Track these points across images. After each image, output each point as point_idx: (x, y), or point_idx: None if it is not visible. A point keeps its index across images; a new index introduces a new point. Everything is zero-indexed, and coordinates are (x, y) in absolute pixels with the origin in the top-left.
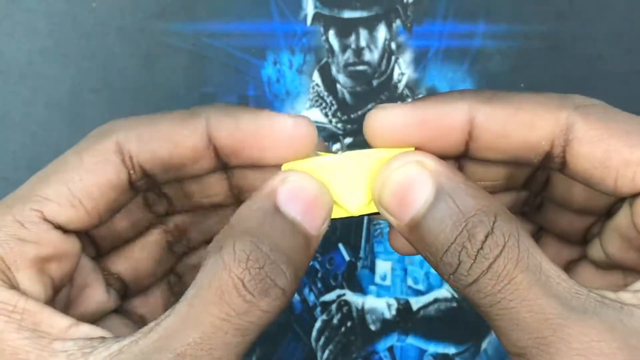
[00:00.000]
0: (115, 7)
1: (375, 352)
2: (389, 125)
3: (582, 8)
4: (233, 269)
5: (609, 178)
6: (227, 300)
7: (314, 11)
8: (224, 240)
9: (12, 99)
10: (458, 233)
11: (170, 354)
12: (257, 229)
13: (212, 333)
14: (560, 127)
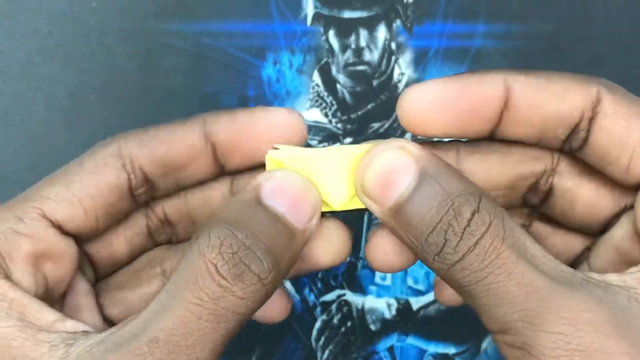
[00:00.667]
0: (116, 7)
1: (376, 352)
2: (422, 103)
3: (582, 8)
4: (206, 254)
5: (624, 156)
6: (200, 285)
7: (314, 11)
8: (202, 228)
9: (12, 98)
10: (444, 212)
11: (145, 338)
12: (234, 218)
13: (185, 318)
14: (590, 98)
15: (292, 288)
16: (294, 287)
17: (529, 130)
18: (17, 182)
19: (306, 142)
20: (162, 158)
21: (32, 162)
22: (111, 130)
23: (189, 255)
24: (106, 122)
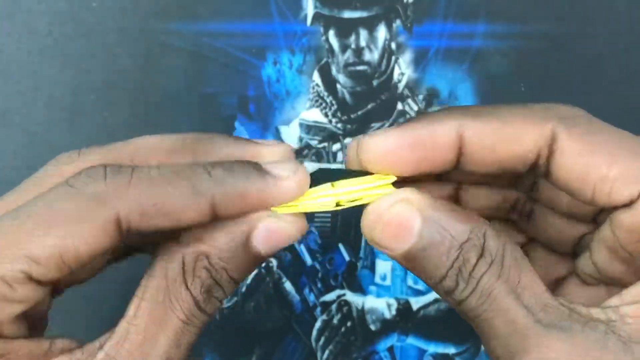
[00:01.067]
0: (116, 7)
1: (375, 352)
2: (380, 151)
3: (582, 8)
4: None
5: (588, 191)
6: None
7: (314, 11)
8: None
9: (12, 98)
10: (455, 259)
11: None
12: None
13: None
14: (545, 138)
15: (292, 288)
16: (294, 287)
17: (489, 169)
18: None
19: (306, 143)
20: (162, 228)
21: (32, 161)
22: (111, 130)
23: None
24: (106, 122)
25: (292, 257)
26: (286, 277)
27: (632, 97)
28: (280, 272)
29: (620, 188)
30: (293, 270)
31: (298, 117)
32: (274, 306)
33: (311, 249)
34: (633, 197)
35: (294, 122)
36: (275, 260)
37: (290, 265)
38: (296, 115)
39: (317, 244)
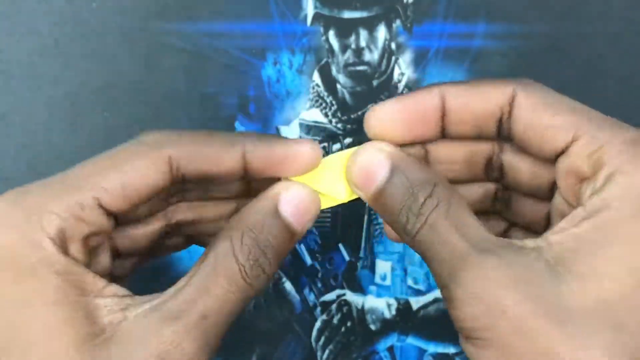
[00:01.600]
0: (116, 7)
1: (375, 352)
2: (381, 119)
3: (581, 8)
4: (239, 258)
5: (536, 139)
6: (234, 279)
7: (314, 11)
8: (234, 231)
9: (13, 98)
10: (407, 197)
11: (196, 315)
12: (259, 227)
13: (224, 301)
14: (507, 96)
15: (292, 288)
16: (294, 287)
17: (468, 128)
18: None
19: None
20: (205, 175)
21: (32, 161)
22: (112, 130)
23: (223, 252)
24: (106, 122)
25: (292, 257)
26: (286, 277)
27: (631, 97)
28: (280, 272)
29: (558, 136)
30: (293, 270)
31: (298, 117)
32: (274, 306)
33: (311, 249)
34: (568, 143)
35: (294, 122)
36: None
37: (290, 265)
38: (296, 115)
39: (317, 244)
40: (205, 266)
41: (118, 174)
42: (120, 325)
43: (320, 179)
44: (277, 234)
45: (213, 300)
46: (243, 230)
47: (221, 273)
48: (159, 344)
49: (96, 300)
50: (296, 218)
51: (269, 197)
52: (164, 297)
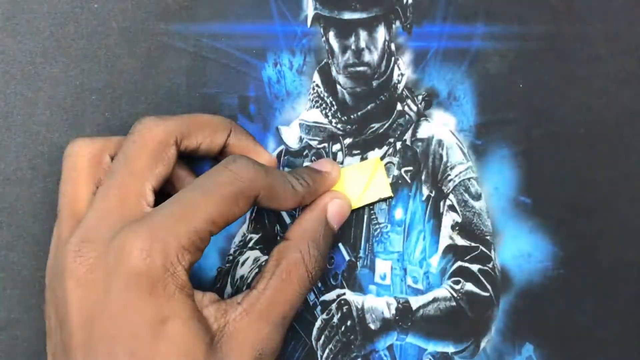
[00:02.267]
0: (117, 8)
1: (375, 350)
2: None
3: (580, 9)
4: (309, 267)
5: None
6: (305, 284)
7: (314, 12)
8: (301, 244)
9: (14, 99)
10: None
11: (280, 315)
12: (317, 238)
13: (297, 303)
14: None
15: None
16: None
17: None
18: (18, 182)
19: (306, 143)
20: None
21: (33, 162)
22: (112, 130)
23: (294, 261)
24: (107, 122)
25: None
26: None
27: (630, 98)
28: None
29: None
30: None
31: (298, 117)
32: None
33: None
34: None
35: (294, 123)
36: None
37: None
38: (296, 116)
39: None
40: (281, 272)
41: (221, 205)
42: (225, 329)
43: (335, 187)
44: (328, 240)
45: (290, 302)
46: (308, 242)
47: (295, 280)
48: (258, 341)
49: (204, 311)
50: (337, 222)
51: (320, 208)
52: (249, 300)
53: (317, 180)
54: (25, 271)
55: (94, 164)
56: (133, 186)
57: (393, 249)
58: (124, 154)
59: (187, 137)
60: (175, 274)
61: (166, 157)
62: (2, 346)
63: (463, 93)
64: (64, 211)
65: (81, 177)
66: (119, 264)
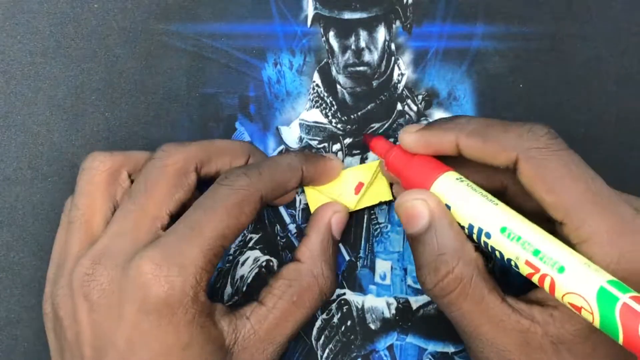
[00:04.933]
0: (117, 8)
1: (375, 350)
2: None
3: (580, 9)
4: (324, 288)
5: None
6: (315, 298)
7: (314, 12)
8: (314, 266)
9: (14, 99)
10: (430, 262)
11: (285, 336)
12: (327, 255)
13: (304, 323)
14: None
15: None
16: None
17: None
18: (18, 182)
19: (306, 143)
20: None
21: (33, 162)
22: (112, 130)
23: (308, 282)
24: (107, 122)
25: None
26: None
27: (629, 98)
28: None
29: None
30: None
31: (298, 117)
32: None
33: None
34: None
35: (294, 123)
36: (275, 259)
37: None
38: (296, 116)
39: None
40: (292, 295)
41: (227, 218)
42: (235, 347)
43: (336, 188)
44: (336, 254)
45: (298, 323)
46: (322, 265)
47: (307, 303)
48: (266, 357)
49: (218, 326)
50: (339, 233)
51: (326, 226)
52: (258, 317)
53: (317, 158)
54: (25, 271)
55: (112, 180)
56: (151, 211)
57: (393, 249)
58: (145, 179)
59: (207, 164)
60: (195, 297)
61: (186, 183)
62: (2, 346)
63: (463, 93)
64: (76, 224)
65: (98, 191)
66: (134, 289)
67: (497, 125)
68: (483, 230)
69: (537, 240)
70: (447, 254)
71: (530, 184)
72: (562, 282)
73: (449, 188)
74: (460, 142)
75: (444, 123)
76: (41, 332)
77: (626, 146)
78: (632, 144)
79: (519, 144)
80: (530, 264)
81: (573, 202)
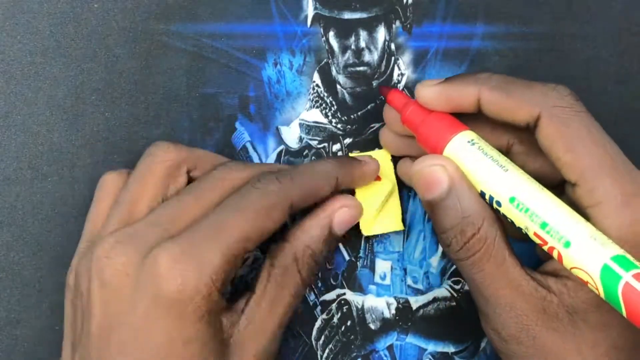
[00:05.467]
0: (117, 7)
1: (375, 350)
2: (426, 100)
3: (579, 9)
4: (302, 273)
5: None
6: (296, 290)
7: (314, 12)
8: (297, 249)
9: (14, 99)
10: (455, 225)
11: (276, 325)
12: (316, 244)
13: (289, 309)
14: (533, 117)
15: None
16: None
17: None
18: (18, 182)
19: (306, 143)
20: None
21: (33, 161)
22: (112, 130)
23: (286, 262)
24: (107, 122)
25: None
26: None
27: (629, 98)
28: None
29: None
30: None
31: (298, 117)
32: None
33: None
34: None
35: (294, 123)
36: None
37: None
38: (296, 116)
39: None
40: (275, 276)
41: (255, 221)
42: (231, 340)
43: None
44: (330, 247)
45: (285, 309)
46: (304, 247)
47: (287, 287)
48: (259, 351)
49: (222, 320)
50: (343, 230)
51: (326, 216)
52: (250, 310)
53: (352, 164)
54: (25, 271)
55: (170, 172)
56: (192, 211)
57: (393, 249)
58: (202, 185)
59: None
60: (208, 295)
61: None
62: (2, 346)
63: None
64: (122, 205)
65: (153, 180)
66: (148, 279)
67: (520, 82)
68: (494, 198)
69: (545, 211)
70: (471, 216)
71: (550, 142)
72: (568, 257)
73: (462, 150)
74: (482, 96)
75: (465, 77)
76: (41, 332)
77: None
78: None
79: (543, 101)
80: (539, 236)
81: (590, 163)
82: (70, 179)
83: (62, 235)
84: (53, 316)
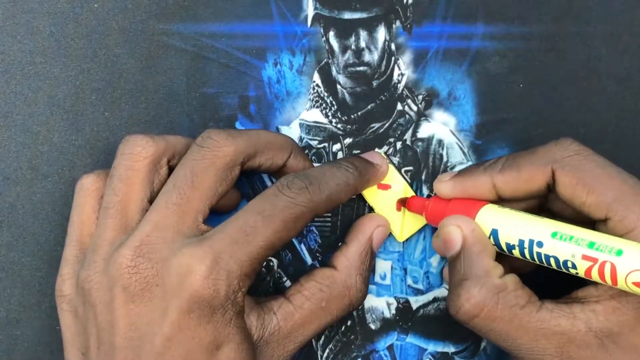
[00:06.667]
0: (117, 7)
1: (375, 350)
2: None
3: (580, 9)
4: (353, 300)
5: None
6: (343, 314)
7: (314, 12)
8: (350, 277)
9: (14, 99)
10: (455, 286)
11: (307, 336)
12: (365, 271)
13: (327, 326)
14: (547, 176)
15: None
16: None
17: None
18: (18, 182)
19: (306, 143)
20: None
21: (33, 161)
22: (112, 130)
23: (340, 292)
24: (107, 122)
25: (292, 256)
26: (286, 276)
27: (629, 98)
28: (280, 271)
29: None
30: (293, 269)
31: (298, 117)
32: None
33: (311, 248)
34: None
35: (294, 123)
36: (275, 259)
37: (290, 264)
38: (296, 116)
39: (317, 243)
40: (321, 300)
41: (281, 230)
42: (261, 341)
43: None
44: (371, 266)
45: (321, 326)
46: (357, 277)
47: (334, 311)
48: (283, 357)
49: (247, 321)
50: (378, 246)
51: (367, 239)
52: (284, 314)
53: (368, 170)
54: (25, 271)
55: (152, 167)
56: (195, 205)
57: (393, 249)
58: (192, 169)
59: (252, 158)
60: (236, 300)
61: (230, 177)
62: (2, 346)
63: (463, 93)
64: (112, 209)
65: (138, 178)
66: (181, 287)
67: (524, 152)
68: (534, 240)
69: (588, 234)
70: (469, 280)
71: (571, 191)
72: (623, 263)
73: (493, 214)
74: (496, 182)
75: (474, 168)
76: (41, 332)
77: (626, 146)
78: (632, 144)
79: (552, 158)
80: (588, 257)
81: (614, 196)
82: (70, 179)
83: (62, 235)
84: (53, 316)
